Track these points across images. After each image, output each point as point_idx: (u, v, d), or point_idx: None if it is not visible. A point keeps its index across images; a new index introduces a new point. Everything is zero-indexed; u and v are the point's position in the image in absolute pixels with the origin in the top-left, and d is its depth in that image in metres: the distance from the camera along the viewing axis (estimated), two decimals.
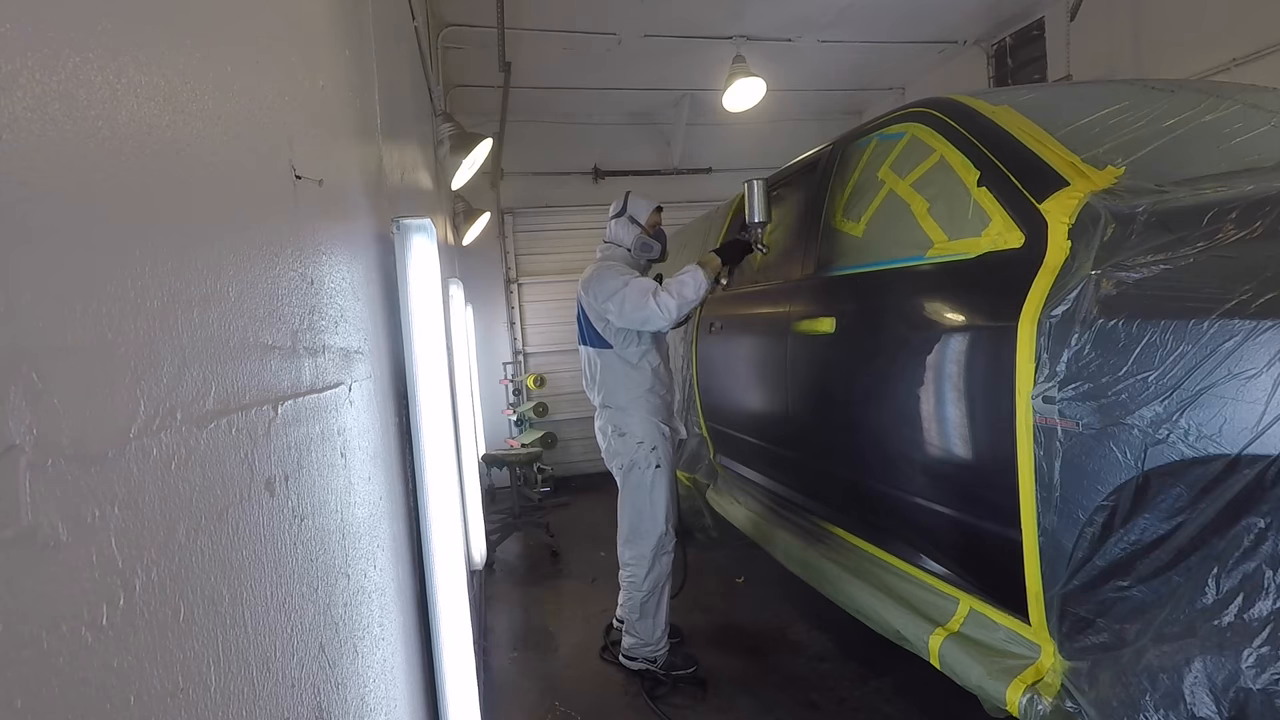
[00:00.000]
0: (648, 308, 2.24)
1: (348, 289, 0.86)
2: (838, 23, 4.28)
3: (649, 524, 2.42)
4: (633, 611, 2.45)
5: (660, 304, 2.24)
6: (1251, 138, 1.59)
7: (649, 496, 2.41)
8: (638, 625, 2.44)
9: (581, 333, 2.53)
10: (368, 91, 1.23)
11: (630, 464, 2.42)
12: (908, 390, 1.69)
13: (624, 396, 2.43)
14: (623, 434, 2.43)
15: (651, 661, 2.44)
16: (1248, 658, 0.92)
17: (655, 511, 2.42)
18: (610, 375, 2.44)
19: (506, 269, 5.61)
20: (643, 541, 2.42)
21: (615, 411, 2.45)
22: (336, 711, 0.64)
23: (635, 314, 2.27)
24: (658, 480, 2.42)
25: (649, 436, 2.42)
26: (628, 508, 2.46)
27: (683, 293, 2.26)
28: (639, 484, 2.42)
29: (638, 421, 2.42)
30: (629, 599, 2.46)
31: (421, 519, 1.13)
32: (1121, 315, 1.13)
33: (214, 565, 0.42)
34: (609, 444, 2.48)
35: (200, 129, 0.46)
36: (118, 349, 0.34)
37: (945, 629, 1.62)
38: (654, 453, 2.42)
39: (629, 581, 2.46)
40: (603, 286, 2.34)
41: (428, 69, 2.90)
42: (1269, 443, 0.92)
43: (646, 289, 2.27)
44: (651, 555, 2.41)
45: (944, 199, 1.72)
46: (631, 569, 2.44)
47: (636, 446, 2.41)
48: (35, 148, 0.29)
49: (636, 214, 2.52)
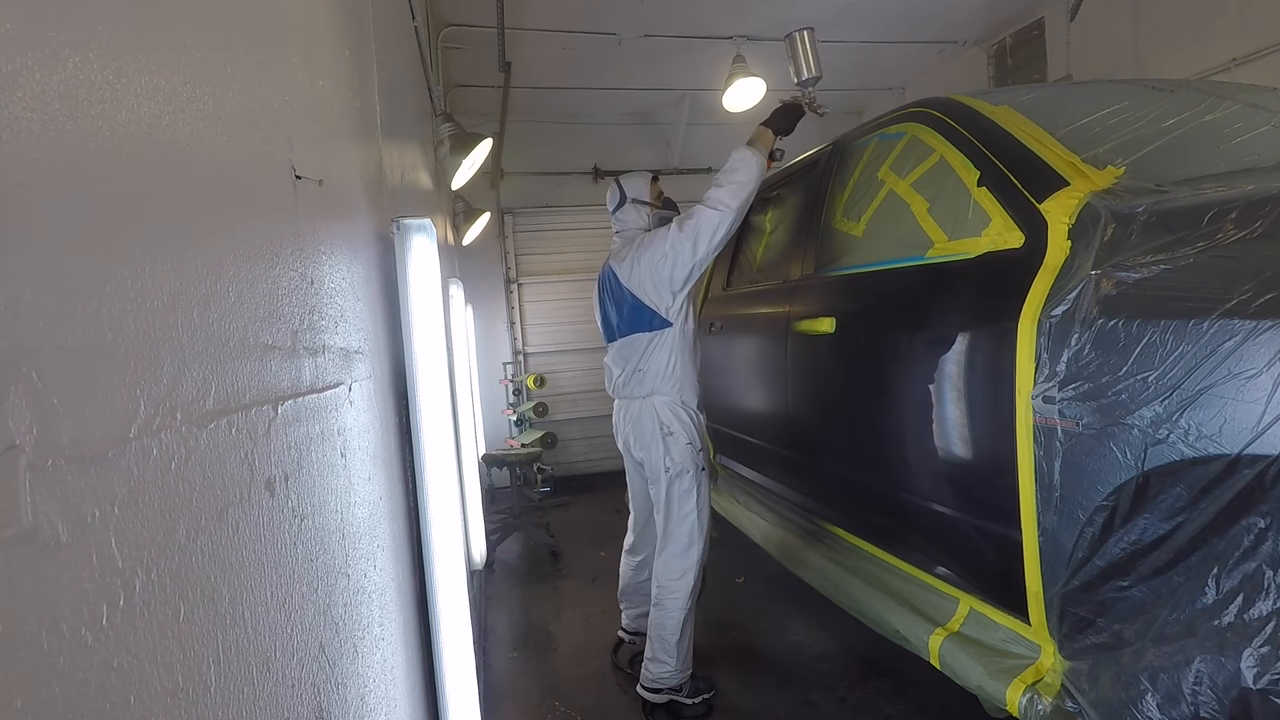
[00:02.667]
0: (703, 215, 2.06)
1: (348, 289, 0.86)
2: (838, 23, 4.27)
3: (698, 533, 2.24)
4: (671, 633, 2.22)
5: (711, 201, 2.07)
6: (1251, 138, 1.59)
7: (697, 504, 2.23)
8: (676, 647, 2.22)
9: (622, 323, 2.29)
10: (368, 91, 1.23)
11: (678, 469, 2.22)
12: (908, 390, 1.69)
13: (675, 381, 2.22)
14: (672, 431, 2.22)
15: (677, 690, 2.25)
16: (1248, 658, 0.92)
17: (702, 518, 2.25)
18: (666, 359, 2.22)
19: (506, 269, 5.61)
20: (693, 550, 2.23)
21: (666, 401, 2.23)
22: (336, 711, 0.64)
23: (697, 231, 2.07)
24: (703, 484, 2.26)
25: (695, 437, 2.25)
26: (676, 518, 2.24)
27: (734, 177, 2.06)
28: (688, 491, 2.22)
29: (688, 417, 2.24)
30: (668, 618, 2.22)
31: (421, 519, 1.13)
32: (1121, 315, 1.13)
33: (214, 565, 0.42)
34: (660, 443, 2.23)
35: (200, 129, 0.46)
36: (118, 349, 0.34)
37: (945, 629, 1.62)
38: (700, 454, 2.25)
39: (672, 599, 2.22)
40: (655, 251, 2.15)
41: (428, 69, 2.90)
42: (1269, 443, 0.92)
43: (684, 218, 2.12)
44: (697, 567, 2.24)
45: (944, 199, 1.72)
46: (676, 584, 2.22)
47: (686, 447, 2.22)
48: (35, 148, 0.29)
49: (638, 194, 2.40)
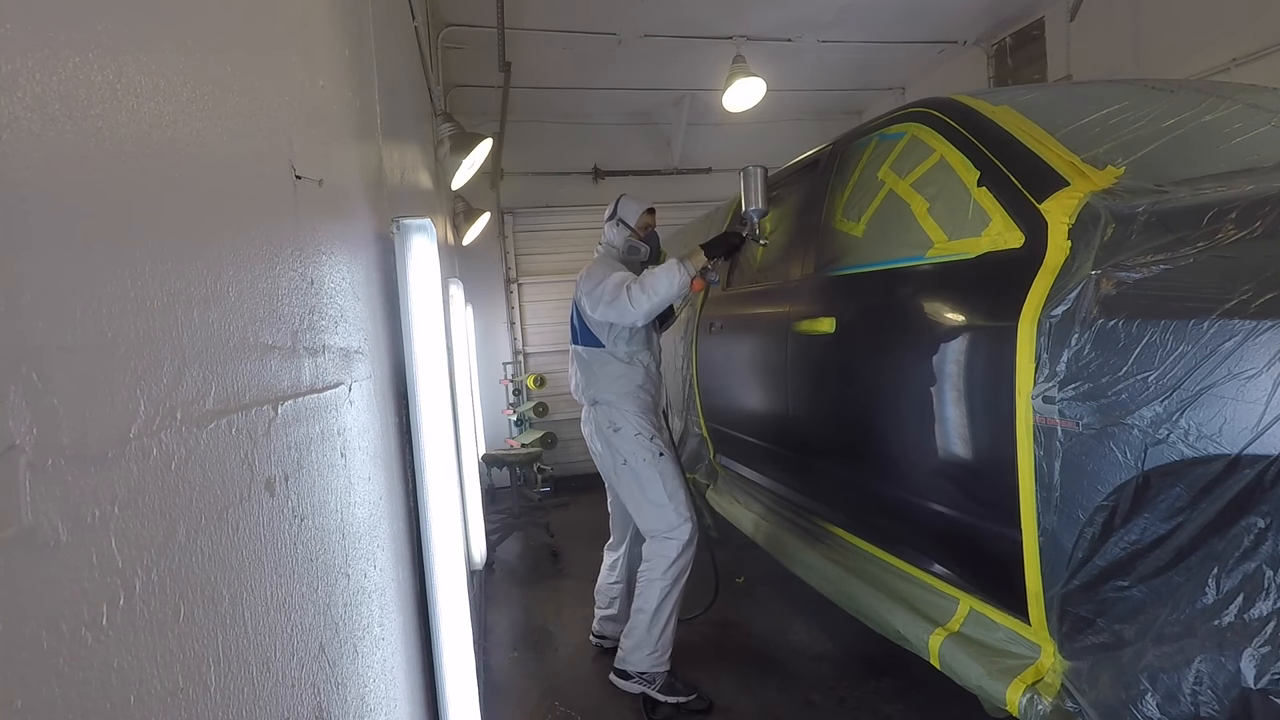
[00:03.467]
0: (619, 301, 2.23)
1: (348, 289, 0.86)
2: (838, 23, 4.28)
3: (674, 515, 2.30)
4: (643, 610, 2.31)
5: (631, 297, 2.22)
6: (1251, 138, 1.59)
7: (662, 485, 2.32)
8: (649, 630, 2.28)
9: (574, 332, 2.50)
10: (368, 91, 1.23)
11: (633, 456, 2.35)
12: (908, 390, 1.69)
13: (615, 392, 2.40)
14: (618, 428, 2.38)
15: (650, 682, 2.29)
16: (1248, 658, 0.92)
17: (676, 499, 2.31)
18: (602, 372, 2.41)
19: (506, 269, 5.61)
20: (675, 533, 2.30)
21: (606, 407, 2.41)
22: (336, 711, 0.64)
23: (608, 308, 2.26)
24: (665, 467, 2.34)
25: (644, 428, 2.38)
26: (643, 504, 2.35)
27: (655, 286, 2.21)
28: (648, 476, 2.33)
29: (632, 415, 2.38)
30: (642, 594, 2.32)
31: (421, 519, 1.13)
32: (1121, 315, 1.13)
33: (214, 565, 0.42)
34: (604, 441, 2.41)
35: (200, 129, 0.46)
36: (118, 349, 0.34)
37: (945, 629, 1.62)
38: (654, 441, 2.36)
39: (646, 575, 2.33)
40: (588, 280, 2.35)
41: (428, 69, 2.90)
42: (1269, 443, 0.92)
43: (621, 282, 2.26)
44: (678, 548, 2.29)
45: (944, 199, 1.72)
46: (652, 563, 2.32)
47: (635, 438, 2.36)
48: (35, 148, 0.29)
49: (626, 216, 2.51)
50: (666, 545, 2.31)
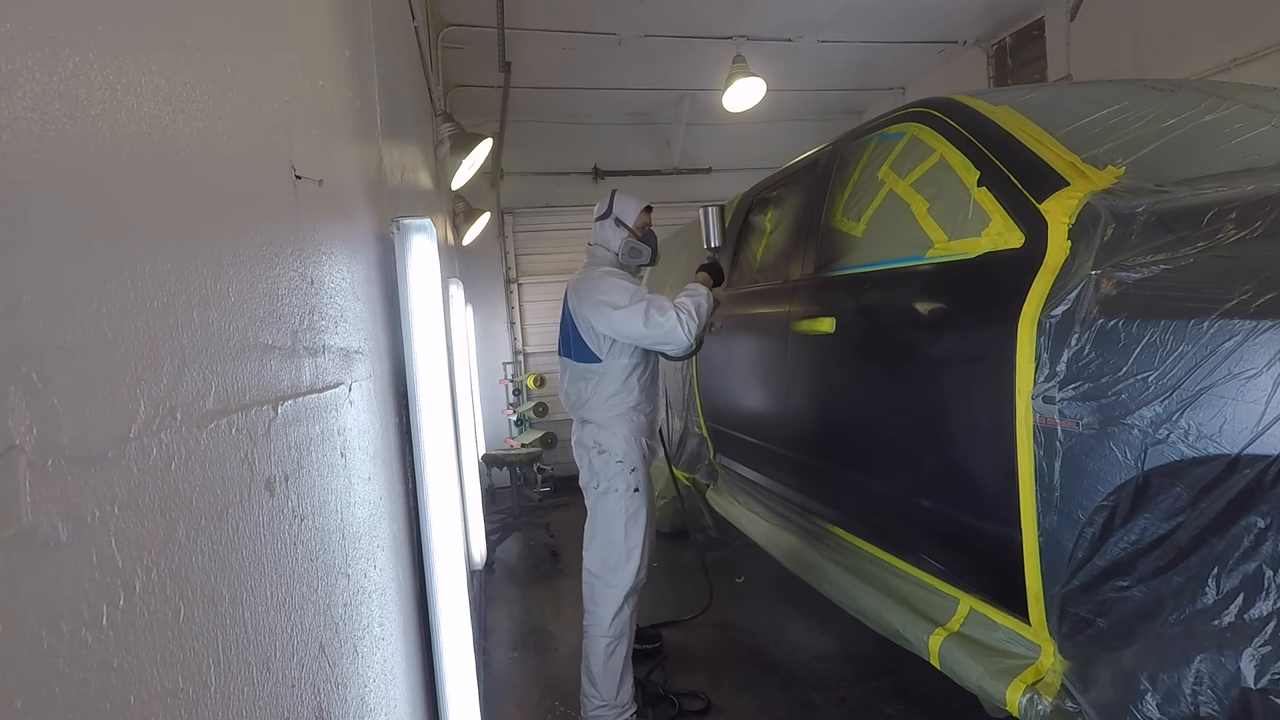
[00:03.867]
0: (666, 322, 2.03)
1: (348, 289, 0.87)
2: (838, 23, 4.28)
3: (621, 558, 2.16)
4: (596, 665, 2.17)
5: (682, 321, 2.04)
6: (1251, 138, 1.59)
7: (625, 526, 2.16)
8: (599, 679, 2.16)
9: (565, 343, 2.28)
10: (368, 91, 1.23)
11: (608, 486, 2.18)
12: (908, 390, 1.69)
13: (608, 412, 2.21)
14: (603, 451, 2.20)
15: None
16: (1248, 658, 0.92)
17: (631, 545, 2.16)
18: (595, 392, 2.22)
19: (506, 269, 5.61)
20: (613, 578, 2.16)
21: (597, 427, 2.23)
22: (336, 711, 0.64)
23: (656, 331, 2.04)
24: (634, 508, 2.17)
25: (629, 456, 2.19)
26: (599, 537, 2.20)
27: (699, 309, 2.10)
28: (614, 510, 2.17)
29: (621, 439, 2.20)
30: (590, 648, 2.18)
31: (421, 519, 1.13)
32: (1121, 315, 1.13)
33: (214, 565, 0.42)
34: (589, 462, 2.24)
35: (200, 129, 0.46)
36: (118, 349, 0.34)
37: (945, 629, 1.62)
38: (633, 475, 2.19)
39: (595, 626, 2.18)
40: (609, 296, 2.09)
41: (428, 69, 2.90)
42: (1269, 443, 0.92)
43: (666, 306, 2.06)
44: (623, 597, 2.15)
45: (944, 199, 1.72)
46: (598, 610, 2.17)
47: (617, 466, 2.18)
48: (35, 148, 0.29)
49: (623, 215, 2.28)
50: (607, 593, 2.16)
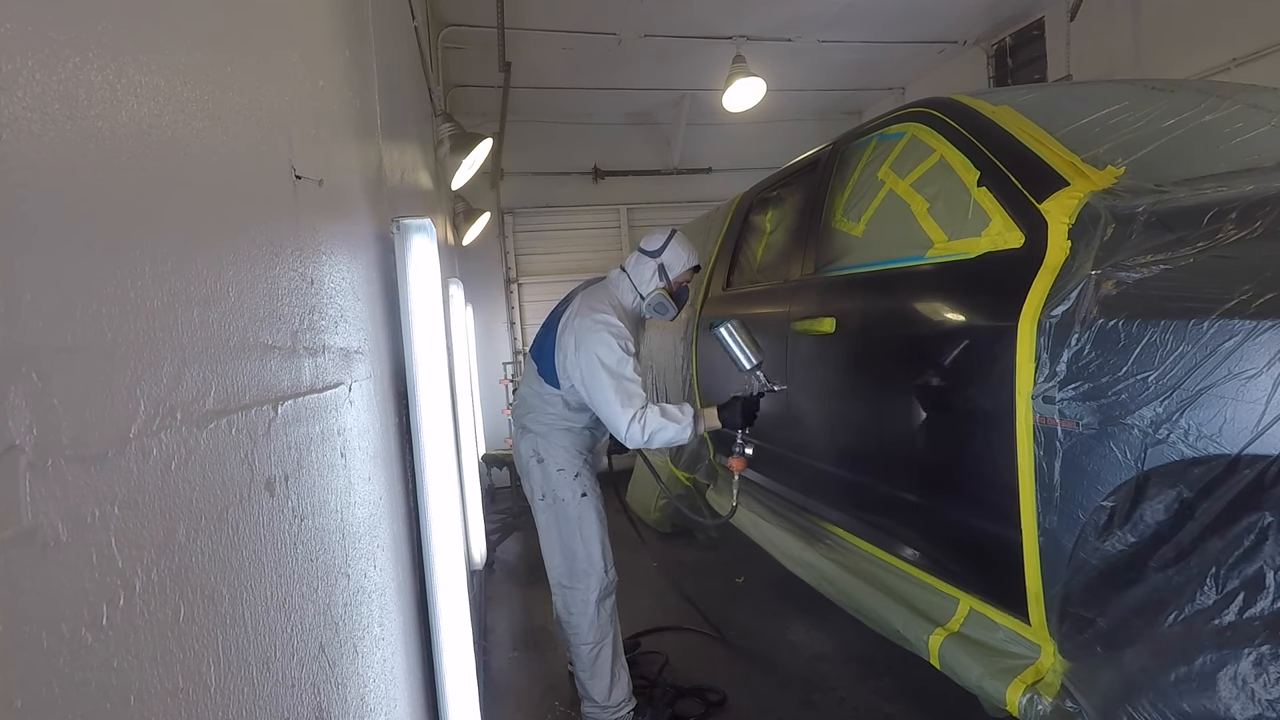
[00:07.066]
0: (623, 422, 1.91)
1: (348, 289, 0.87)
2: (838, 22, 4.28)
3: (584, 564, 2.10)
4: (581, 668, 2.14)
5: (632, 429, 1.91)
6: (1251, 138, 1.59)
7: (578, 531, 2.09)
8: (590, 685, 2.13)
9: (540, 349, 2.18)
10: (368, 91, 1.23)
11: (551, 496, 2.12)
12: (908, 390, 1.69)
13: (549, 424, 2.15)
14: (542, 460, 2.14)
15: None
16: (1248, 658, 0.92)
17: (589, 548, 2.10)
18: (545, 404, 2.16)
19: (506, 269, 5.62)
20: (580, 584, 2.11)
21: (536, 437, 2.16)
22: (336, 711, 0.64)
23: (605, 411, 1.96)
24: (585, 512, 2.10)
25: (570, 463, 2.13)
26: (556, 549, 2.14)
27: (662, 435, 1.93)
28: (563, 518, 2.11)
29: (560, 449, 2.14)
30: (577, 657, 2.15)
31: (421, 519, 1.13)
32: (1121, 315, 1.13)
33: (214, 565, 0.42)
34: (529, 472, 2.19)
35: (200, 129, 0.46)
36: (118, 349, 0.34)
37: (945, 629, 1.62)
38: (577, 480, 2.12)
39: (571, 633, 2.15)
40: (595, 351, 1.96)
41: (428, 69, 2.90)
42: (1269, 443, 0.92)
43: (635, 399, 1.93)
44: (594, 601, 2.09)
45: (944, 199, 1.72)
46: (573, 619, 2.12)
47: (557, 475, 2.12)
48: (35, 148, 0.29)
49: (671, 264, 2.14)
50: (579, 600, 2.11)
